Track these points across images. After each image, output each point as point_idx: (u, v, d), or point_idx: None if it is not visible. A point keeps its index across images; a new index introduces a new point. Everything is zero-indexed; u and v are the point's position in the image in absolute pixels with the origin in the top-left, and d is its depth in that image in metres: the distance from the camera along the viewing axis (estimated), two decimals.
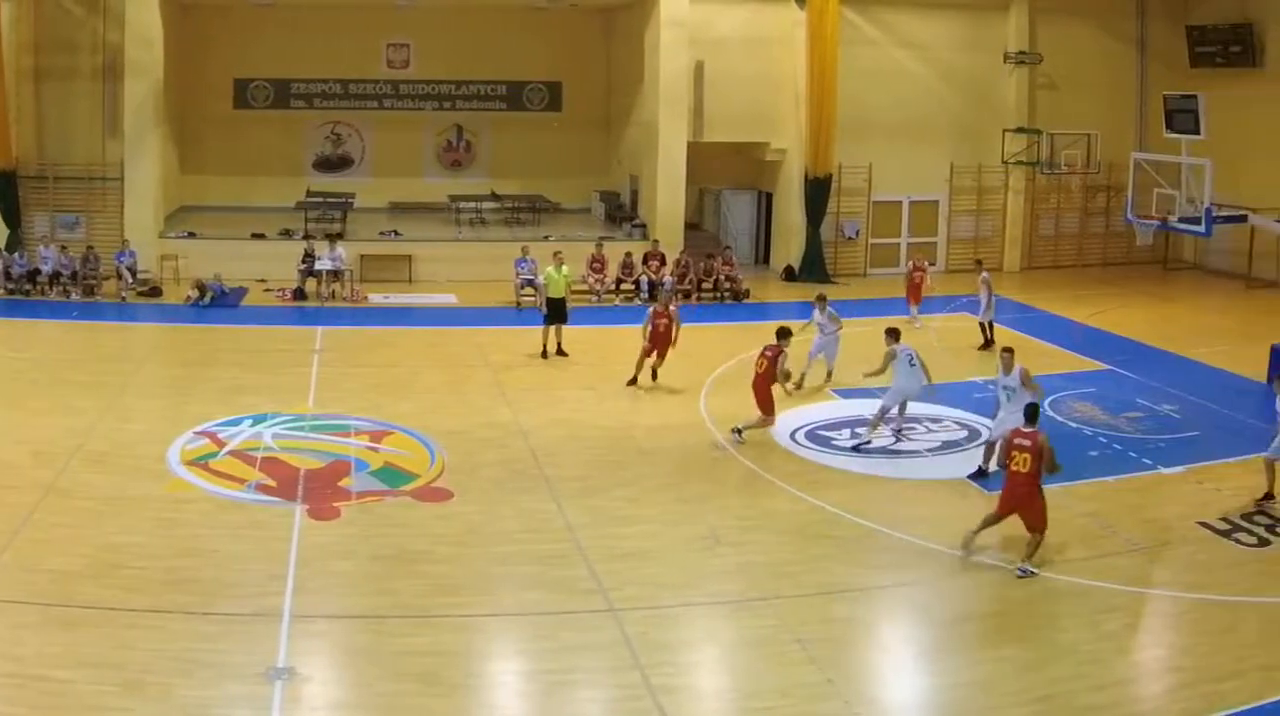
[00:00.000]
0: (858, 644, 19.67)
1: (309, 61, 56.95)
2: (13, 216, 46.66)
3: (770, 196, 54.86)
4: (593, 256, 46.03)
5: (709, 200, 56.97)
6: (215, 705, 16.52)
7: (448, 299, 45.93)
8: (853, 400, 32.26)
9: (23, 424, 28.81)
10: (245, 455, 27.02)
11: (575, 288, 40.67)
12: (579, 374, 35.42)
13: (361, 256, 47.48)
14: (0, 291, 43.99)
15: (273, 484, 25.25)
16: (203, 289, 43.13)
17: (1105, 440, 29.51)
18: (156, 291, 45.28)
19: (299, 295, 44.87)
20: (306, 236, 48.04)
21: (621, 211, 55.45)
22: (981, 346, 38.08)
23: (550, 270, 37.30)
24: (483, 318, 42.82)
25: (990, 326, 38.52)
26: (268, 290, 45.62)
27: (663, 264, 47.17)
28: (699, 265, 47.51)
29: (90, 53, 47.41)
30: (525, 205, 55.41)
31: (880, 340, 30.43)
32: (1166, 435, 29.88)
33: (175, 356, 38.31)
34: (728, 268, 47.70)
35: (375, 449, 27.91)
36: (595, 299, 45.49)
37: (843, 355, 33.76)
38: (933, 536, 23.43)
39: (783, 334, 29.76)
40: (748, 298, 47.51)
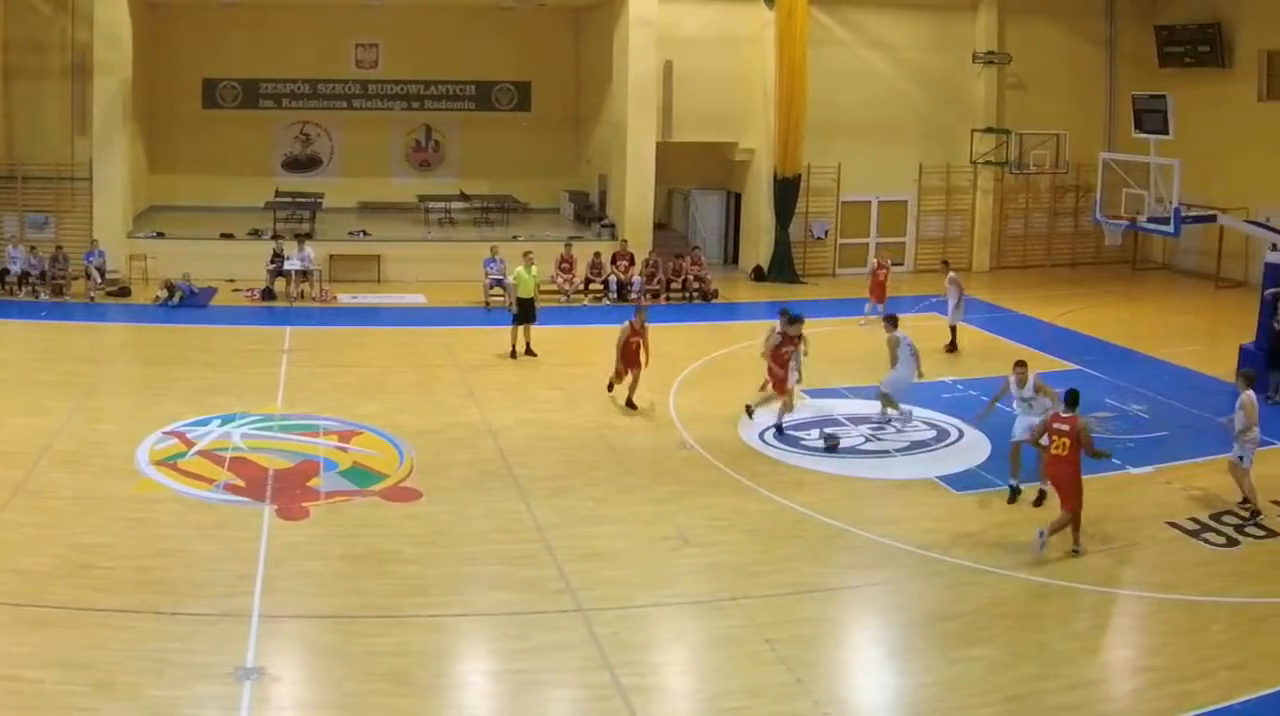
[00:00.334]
0: (827, 643, 19.69)
1: (278, 61, 56.96)
2: None
3: (739, 196, 54.93)
4: (561, 256, 46.04)
5: (678, 200, 56.97)
6: (184, 705, 16.52)
7: (417, 299, 45.92)
8: (821, 400, 32.33)
9: None
10: (214, 455, 27.00)
11: (544, 288, 40.72)
12: (548, 374, 35.43)
13: (330, 256, 47.47)
14: None
15: (241, 484, 25.23)
16: (171, 289, 43.04)
17: None
18: (125, 291, 45.19)
19: (268, 295, 44.80)
20: (275, 236, 47.96)
21: (590, 211, 55.47)
22: (948, 347, 38.08)
23: (520, 270, 37.32)
24: (452, 318, 42.80)
25: (954, 329, 38.48)
26: (236, 290, 45.54)
27: (631, 264, 47.22)
28: (668, 265, 47.55)
29: (59, 52, 47.29)
30: (494, 205, 55.41)
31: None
32: (1135, 435, 29.93)
33: (144, 356, 38.21)
34: (696, 268, 47.75)
35: (344, 449, 27.91)
36: (564, 299, 45.50)
37: (817, 354, 33.68)
38: (902, 536, 23.53)
39: (784, 315, 30.27)
40: (716, 298, 47.55)
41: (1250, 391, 25.77)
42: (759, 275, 52.05)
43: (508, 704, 17.49)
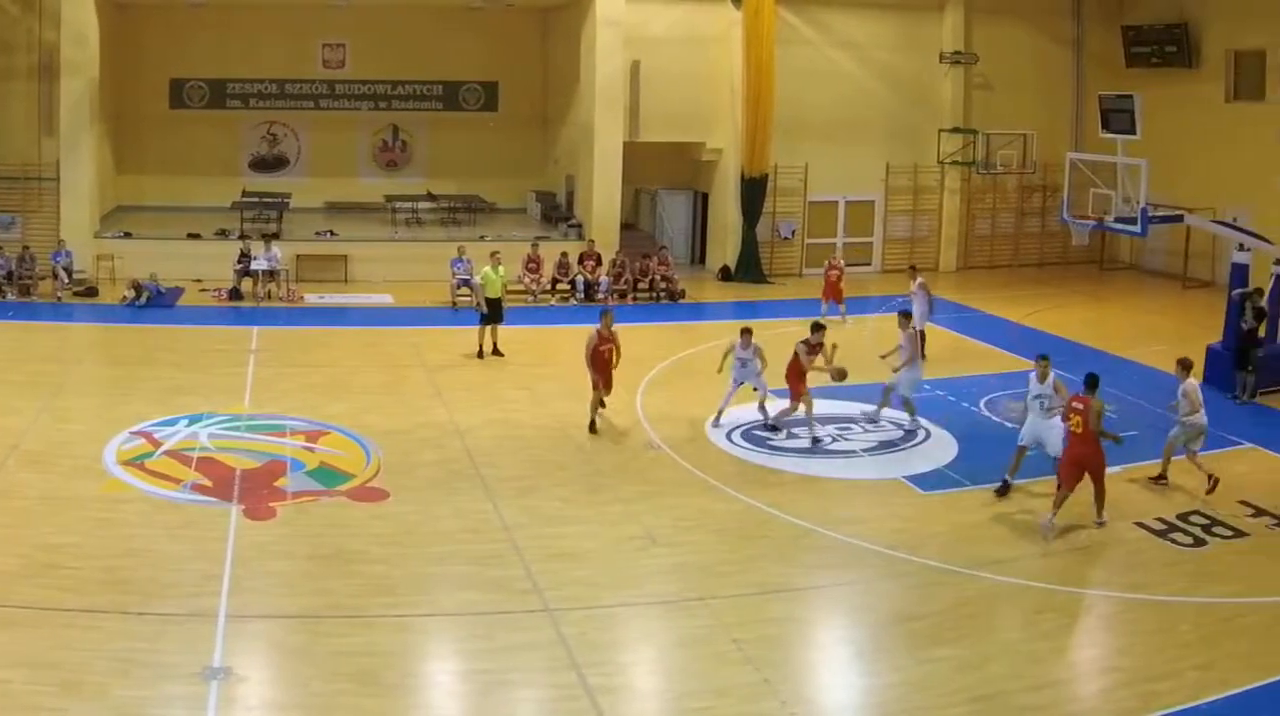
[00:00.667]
0: (794, 643, 19.76)
1: (245, 61, 56.81)
2: None
3: (706, 196, 54.99)
4: (528, 256, 46.02)
5: (645, 200, 57.00)
6: (151, 705, 16.52)
7: (384, 299, 45.89)
8: (786, 400, 32.29)
9: None
10: (181, 455, 26.97)
11: (511, 288, 40.74)
12: (515, 374, 35.44)
13: (297, 256, 47.40)
14: None
15: (208, 484, 25.21)
16: (139, 289, 42.92)
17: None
18: (92, 291, 45.06)
19: (235, 295, 44.72)
20: (242, 236, 47.86)
21: (557, 211, 55.49)
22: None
23: (487, 270, 37.33)
24: (419, 318, 42.79)
25: (922, 335, 38.34)
26: (204, 290, 45.44)
27: (598, 264, 47.25)
28: (635, 265, 47.58)
29: (25, 52, 47.11)
30: (461, 205, 55.38)
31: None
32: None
33: (111, 356, 38.14)
34: (664, 268, 47.78)
35: (311, 449, 27.90)
36: (531, 299, 45.49)
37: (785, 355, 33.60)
38: (869, 536, 23.61)
39: (817, 328, 30.36)
40: (684, 298, 47.60)
41: (1191, 379, 26.38)
42: (726, 275, 52.12)
43: (475, 703, 17.52)
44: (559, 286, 46.66)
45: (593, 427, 30.03)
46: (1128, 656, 19.13)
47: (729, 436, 29.71)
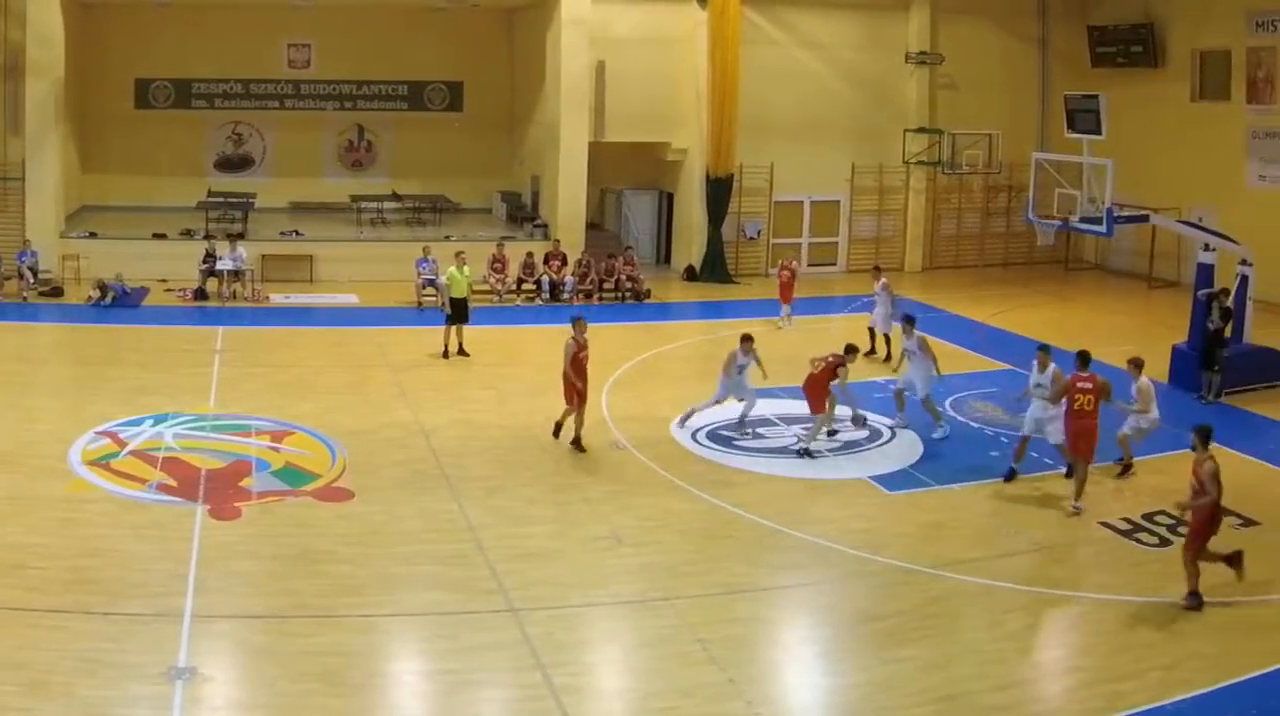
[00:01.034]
0: (759, 644, 19.85)
1: (210, 61, 56.61)
2: None
3: (671, 196, 55.02)
4: (494, 256, 45.97)
5: (610, 200, 56.98)
6: (117, 705, 16.53)
7: (349, 299, 45.83)
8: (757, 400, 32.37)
9: None
10: (147, 455, 26.94)
11: (476, 288, 40.75)
12: (481, 374, 35.46)
13: (263, 256, 47.26)
14: None
15: (174, 484, 25.19)
16: (104, 289, 42.82)
17: (1007, 440, 29.66)
18: (58, 291, 44.90)
19: (200, 295, 44.61)
20: (208, 236, 47.72)
21: (523, 211, 55.51)
22: (869, 352, 37.70)
23: (452, 270, 37.35)
24: (384, 318, 42.78)
25: (886, 338, 38.30)
26: (169, 290, 45.30)
27: (564, 264, 47.25)
28: (600, 265, 47.57)
29: None
30: (427, 205, 55.42)
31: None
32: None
33: (76, 356, 38.05)
34: (629, 268, 47.79)
35: (276, 449, 27.89)
36: (496, 299, 45.47)
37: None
38: (834, 536, 23.70)
39: (850, 350, 30.08)
40: (649, 298, 47.61)
41: (1144, 378, 26.88)
42: (691, 275, 52.16)
43: (440, 703, 17.57)
44: (524, 286, 46.59)
45: (564, 434, 29.14)
46: (1092, 656, 19.24)
47: (694, 437, 29.75)
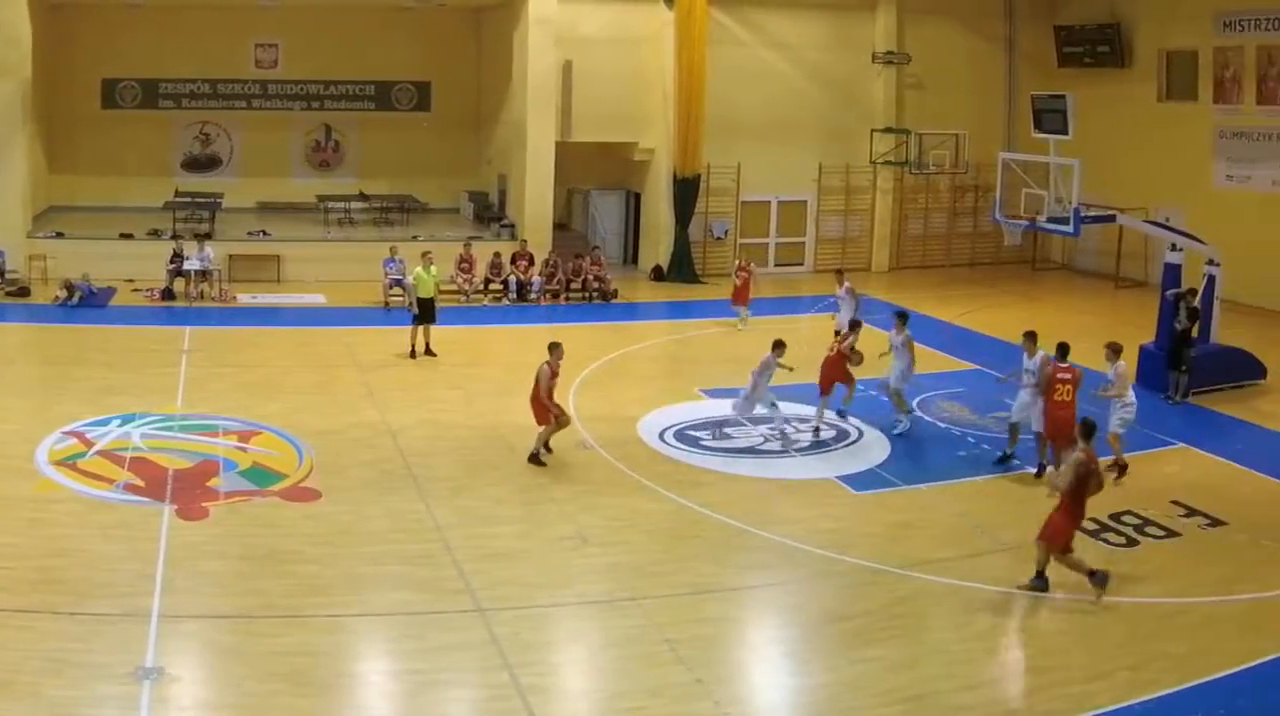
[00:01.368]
0: (727, 644, 19.92)
1: (177, 61, 56.50)
2: None
3: (639, 196, 55.08)
4: (461, 256, 45.99)
5: (577, 200, 57.01)
6: (84, 705, 16.53)
7: (316, 299, 45.80)
8: (720, 400, 32.38)
9: None
10: (114, 455, 26.91)
11: (443, 288, 40.78)
12: (447, 374, 35.49)
13: (230, 256, 47.17)
14: None
15: (141, 484, 25.18)
16: (71, 289, 42.73)
17: (974, 440, 29.94)
18: (25, 291, 44.76)
19: (167, 295, 44.53)
20: (175, 236, 47.58)
21: (490, 211, 55.54)
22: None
23: (419, 270, 37.37)
24: (351, 318, 42.78)
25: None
26: (136, 290, 45.21)
27: (531, 264, 47.28)
28: (567, 265, 47.59)
29: None
30: (394, 205, 55.43)
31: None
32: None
33: (43, 356, 38.00)
34: (596, 268, 47.83)
35: (243, 449, 27.88)
36: (464, 299, 45.50)
37: (715, 355, 33.64)
38: (801, 536, 23.77)
39: (854, 326, 31.53)
40: (616, 298, 47.67)
41: (1121, 362, 27.20)
42: (659, 275, 52.25)
43: (407, 703, 17.61)
44: (492, 286, 46.62)
45: (537, 458, 27.88)
46: (1059, 657, 19.32)
47: (661, 436, 29.83)
